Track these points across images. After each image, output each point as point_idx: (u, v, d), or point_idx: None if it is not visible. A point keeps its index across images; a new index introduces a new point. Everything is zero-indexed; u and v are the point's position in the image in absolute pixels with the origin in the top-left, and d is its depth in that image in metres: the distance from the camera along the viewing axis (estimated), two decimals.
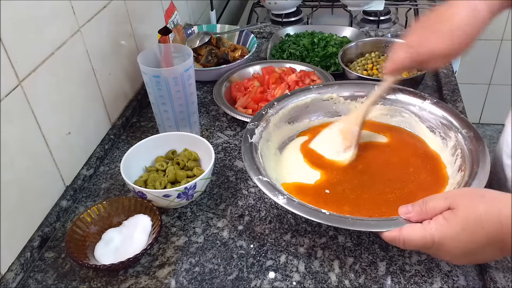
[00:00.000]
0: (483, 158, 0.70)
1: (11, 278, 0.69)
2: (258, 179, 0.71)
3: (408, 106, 0.86)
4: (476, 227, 0.53)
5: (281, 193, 0.68)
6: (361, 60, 1.10)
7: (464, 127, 0.77)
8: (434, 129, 0.82)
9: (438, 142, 0.81)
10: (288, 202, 0.67)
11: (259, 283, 0.69)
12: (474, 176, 0.67)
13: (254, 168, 0.73)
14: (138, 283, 0.70)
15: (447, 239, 0.54)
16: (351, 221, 0.63)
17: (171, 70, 0.85)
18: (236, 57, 1.18)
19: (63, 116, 0.82)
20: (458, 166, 0.74)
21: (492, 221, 0.52)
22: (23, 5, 0.70)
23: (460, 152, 0.75)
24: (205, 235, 0.77)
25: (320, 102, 0.90)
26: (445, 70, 1.12)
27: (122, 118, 1.01)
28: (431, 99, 0.84)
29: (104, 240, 0.74)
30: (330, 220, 0.64)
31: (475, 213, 0.53)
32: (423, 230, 0.56)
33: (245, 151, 0.77)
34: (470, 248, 0.54)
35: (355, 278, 0.69)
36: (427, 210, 0.58)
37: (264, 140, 0.82)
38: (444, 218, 0.55)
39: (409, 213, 0.60)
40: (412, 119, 0.85)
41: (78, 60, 0.86)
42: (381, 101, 0.87)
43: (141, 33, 1.08)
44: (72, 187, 0.84)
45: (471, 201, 0.54)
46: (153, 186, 0.79)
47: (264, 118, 0.84)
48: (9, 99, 0.68)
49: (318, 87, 0.91)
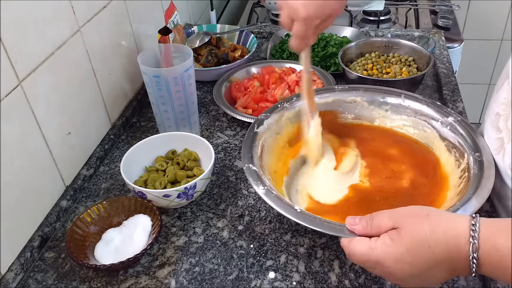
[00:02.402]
0: (484, 184, 0.67)
1: (11, 278, 0.69)
2: (247, 168, 0.72)
3: (431, 120, 0.83)
4: (421, 248, 0.51)
5: (263, 183, 0.69)
6: (361, 60, 1.10)
7: (478, 151, 0.74)
8: (451, 148, 0.79)
9: (451, 163, 0.78)
10: (266, 192, 0.68)
11: (259, 283, 0.69)
12: (465, 202, 0.65)
13: (248, 156, 0.74)
14: (138, 283, 0.70)
15: (392, 261, 0.53)
16: (318, 221, 0.63)
17: (171, 70, 0.85)
18: (236, 57, 1.18)
19: (63, 116, 0.82)
20: (459, 190, 0.71)
21: (438, 242, 0.51)
22: (23, 5, 0.70)
23: (466, 176, 0.72)
24: (205, 235, 0.77)
25: (343, 104, 0.89)
26: (445, 70, 1.12)
27: (122, 118, 1.01)
28: (455, 117, 0.81)
29: (104, 240, 0.74)
30: (299, 217, 0.64)
31: (420, 234, 0.52)
32: (368, 247, 0.55)
33: (247, 139, 0.77)
34: (417, 270, 0.52)
35: (355, 278, 0.69)
36: (372, 226, 0.56)
37: (272, 132, 0.82)
38: (391, 238, 0.53)
39: (355, 225, 0.58)
40: (433, 134, 0.83)
41: (78, 60, 0.86)
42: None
43: (141, 33, 1.08)
44: (72, 187, 0.84)
45: (416, 221, 0.53)
46: (153, 186, 0.79)
47: (278, 111, 0.84)
48: (9, 99, 0.68)
49: (343, 88, 0.90)
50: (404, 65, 1.07)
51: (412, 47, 1.09)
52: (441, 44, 1.24)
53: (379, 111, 0.88)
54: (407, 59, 1.09)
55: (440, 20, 1.58)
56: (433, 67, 1.14)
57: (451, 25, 1.57)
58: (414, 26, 1.58)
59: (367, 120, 0.89)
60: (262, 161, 0.76)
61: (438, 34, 1.28)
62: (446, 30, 1.55)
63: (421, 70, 1.04)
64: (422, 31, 1.31)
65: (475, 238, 0.49)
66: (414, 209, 0.56)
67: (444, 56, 1.18)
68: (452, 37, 1.52)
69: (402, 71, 1.05)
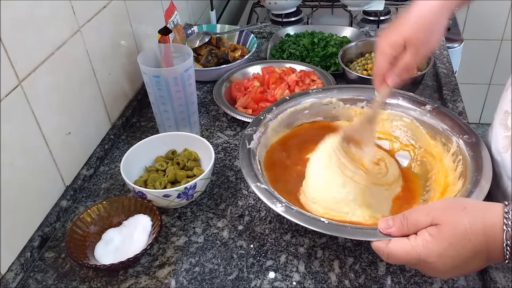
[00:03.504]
0: (485, 165, 0.69)
1: (11, 278, 0.69)
2: (256, 186, 0.69)
3: (409, 111, 0.84)
4: (463, 241, 0.52)
5: (279, 200, 0.67)
6: (361, 60, 1.10)
7: (465, 133, 0.76)
8: (435, 134, 0.81)
9: (439, 149, 0.80)
10: (286, 210, 0.66)
11: (259, 283, 0.69)
12: (477, 184, 0.66)
13: (252, 174, 0.72)
14: (138, 283, 0.70)
15: (435, 257, 0.53)
16: (350, 230, 0.62)
17: (171, 70, 0.85)
18: (236, 57, 1.18)
19: (63, 116, 0.82)
20: (459, 173, 0.72)
21: (477, 233, 0.51)
22: (23, 5, 0.70)
23: (461, 159, 0.74)
24: (205, 235, 0.77)
25: (320, 106, 0.89)
26: (445, 70, 1.12)
27: (122, 118, 1.01)
28: (431, 104, 0.82)
29: (104, 240, 0.74)
30: (329, 229, 0.63)
31: (460, 228, 0.52)
32: (409, 246, 0.55)
33: (243, 157, 0.75)
34: (458, 262, 0.53)
35: (355, 278, 0.69)
36: (408, 226, 0.56)
37: (262, 145, 0.81)
38: (430, 234, 0.54)
39: (390, 228, 0.58)
40: (413, 124, 0.84)
41: (78, 60, 0.86)
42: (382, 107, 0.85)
43: (141, 33, 1.08)
44: (72, 187, 0.84)
45: (455, 216, 0.53)
46: (153, 186, 0.79)
47: (263, 124, 0.83)
48: (9, 99, 0.68)
49: (317, 91, 0.90)
50: None
51: None
52: (441, 44, 1.24)
53: (356, 108, 0.88)
54: None
55: None
56: (433, 67, 1.14)
57: (451, 25, 1.57)
58: None
59: (345, 119, 0.89)
60: (264, 177, 0.74)
61: None
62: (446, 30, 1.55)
63: (421, 70, 1.04)
64: None
65: (508, 225, 0.50)
66: (449, 202, 0.57)
67: (444, 56, 1.18)
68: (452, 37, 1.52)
69: None
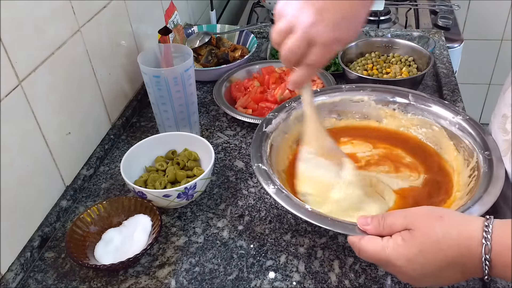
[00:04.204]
0: (495, 182, 0.67)
1: (11, 278, 0.69)
2: (257, 167, 0.72)
3: (439, 119, 0.82)
4: (434, 250, 0.51)
5: (273, 182, 0.69)
6: (361, 60, 1.10)
7: (487, 149, 0.73)
8: (460, 147, 0.78)
9: (460, 162, 0.78)
10: (276, 192, 0.67)
11: (259, 283, 0.69)
12: (477, 200, 0.65)
13: (257, 155, 0.74)
14: (138, 283, 0.70)
15: (403, 261, 0.53)
16: (329, 221, 0.63)
17: (171, 70, 0.85)
18: (236, 57, 1.18)
19: (63, 116, 0.82)
20: (469, 189, 0.71)
21: (450, 244, 0.51)
22: (23, 5, 0.70)
23: (476, 175, 0.72)
24: (205, 235, 0.77)
25: (350, 103, 0.89)
26: (445, 70, 1.12)
27: (122, 118, 1.01)
28: (463, 115, 0.80)
29: (104, 240, 0.74)
30: (310, 216, 0.64)
31: (433, 236, 0.52)
32: (380, 246, 0.55)
33: (255, 139, 0.78)
34: (429, 270, 0.53)
35: (355, 278, 0.69)
36: (384, 227, 0.56)
37: (280, 131, 0.82)
38: (403, 238, 0.54)
39: (367, 225, 0.58)
40: (441, 133, 0.82)
41: (78, 60, 0.86)
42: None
43: (141, 33, 1.08)
44: (72, 187, 0.84)
45: (430, 223, 0.53)
46: (153, 186, 0.79)
47: (286, 110, 0.84)
48: (9, 99, 0.68)
49: (350, 87, 0.90)
50: (404, 65, 1.07)
51: (412, 47, 1.09)
52: (441, 44, 1.24)
53: (387, 110, 0.88)
54: (407, 59, 1.09)
55: (440, 20, 1.58)
56: (433, 67, 1.14)
57: (451, 25, 1.57)
58: (414, 26, 1.58)
59: (374, 119, 0.89)
60: (271, 160, 0.76)
61: (438, 34, 1.28)
62: (446, 30, 1.55)
63: (421, 70, 1.04)
64: (422, 31, 1.31)
65: (487, 239, 0.49)
66: (427, 210, 0.56)
67: (444, 56, 1.18)
68: (452, 37, 1.52)
69: (402, 71, 1.05)
